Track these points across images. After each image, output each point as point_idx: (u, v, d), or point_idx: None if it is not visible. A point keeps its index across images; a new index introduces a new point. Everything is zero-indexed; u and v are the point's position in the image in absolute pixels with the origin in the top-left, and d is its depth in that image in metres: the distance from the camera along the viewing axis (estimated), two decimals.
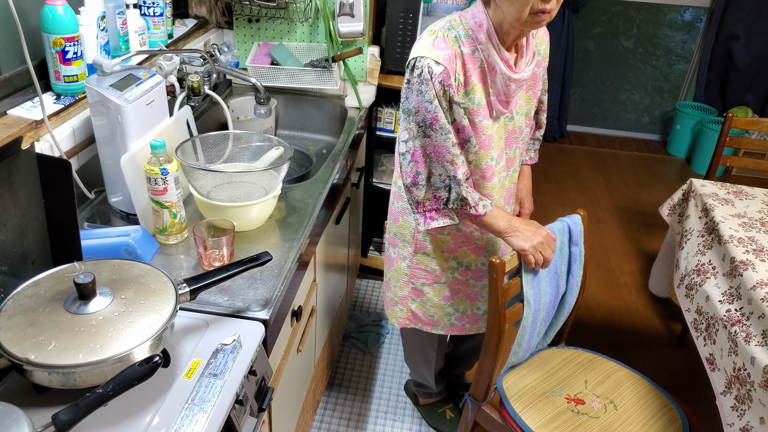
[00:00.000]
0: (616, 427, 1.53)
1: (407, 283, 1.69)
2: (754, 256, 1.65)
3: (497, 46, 1.33)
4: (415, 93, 1.33)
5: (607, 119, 4.64)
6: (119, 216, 1.42)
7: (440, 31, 1.34)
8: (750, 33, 4.07)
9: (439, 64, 1.29)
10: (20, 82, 1.33)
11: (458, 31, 1.34)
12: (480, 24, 1.32)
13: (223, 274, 1.11)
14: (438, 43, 1.32)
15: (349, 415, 2.13)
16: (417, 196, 1.42)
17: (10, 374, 0.96)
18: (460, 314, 1.72)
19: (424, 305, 1.70)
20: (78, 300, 0.96)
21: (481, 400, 1.63)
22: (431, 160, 1.39)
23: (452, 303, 1.69)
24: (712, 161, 2.36)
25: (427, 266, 1.64)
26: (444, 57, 1.30)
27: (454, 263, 1.63)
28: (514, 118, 1.48)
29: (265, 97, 1.80)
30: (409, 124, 1.37)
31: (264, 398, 1.13)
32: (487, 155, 1.46)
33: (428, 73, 1.30)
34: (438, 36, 1.33)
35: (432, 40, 1.33)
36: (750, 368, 1.42)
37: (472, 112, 1.38)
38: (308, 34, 2.21)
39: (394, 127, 2.49)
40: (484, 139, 1.43)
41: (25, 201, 1.09)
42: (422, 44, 1.34)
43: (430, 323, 1.73)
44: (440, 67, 1.30)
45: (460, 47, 1.34)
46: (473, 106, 1.38)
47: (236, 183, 1.45)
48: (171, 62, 1.60)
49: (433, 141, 1.36)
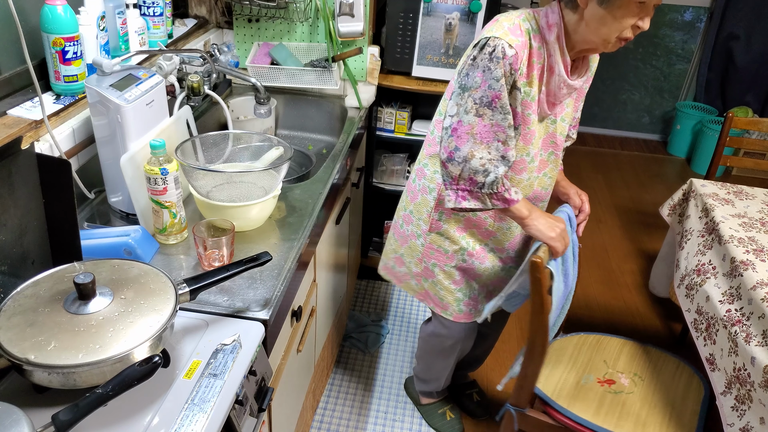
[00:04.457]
0: (653, 396, 1.63)
1: (420, 261, 1.69)
2: (755, 256, 1.65)
3: (563, 49, 1.36)
4: (480, 69, 1.34)
5: (607, 119, 4.64)
6: (119, 216, 1.42)
7: (517, 20, 1.37)
8: (750, 33, 4.07)
9: (512, 47, 1.32)
10: (20, 82, 1.33)
11: (531, 25, 1.37)
12: (551, 25, 1.36)
13: (223, 274, 1.11)
14: (514, 30, 1.35)
15: (350, 415, 2.13)
16: (452, 172, 1.41)
17: (10, 374, 0.96)
18: (468, 299, 1.72)
19: (435, 287, 1.70)
20: (78, 300, 0.96)
21: (525, 406, 1.61)
22: (475, 141, 1.37)
23: (461, 288, 1.69)
24: (712, 161, 2.36)
25: (440, 246, 1.64)
26: (518, 43, 1.33)
27: (464, 243, 1.63)
28: (557, 122, 1.51)
29: (265, 97, 1.80)
30: (462, 99, 1.37)
31: (264, 398, 1.13)
32: (524, 149, 1.47)
33: (501, 53, 1.32)
34: (515, 23, 1.36)
35: (509, 25, 1.35)
36: (750, 368, 1.42)
37: (525, 104, 1.40)
38: (308, 34, 2.21)
39: (394, 127, 2.49)
40: (527, 132, 1.44)
41: (25, 201, 1.09)
42: (498, 27, 1.36)
43: (440, 306, 1.73)
44: (513, 51, 1.32)
45: (530, 40, 1.36)
46: (528, 98, 1.40)
47: (236, 183, 1.45)
48: (171, 62, 1.60)
49: (484, 121, 1.36)
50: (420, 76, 2.33)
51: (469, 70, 1.37)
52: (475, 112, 1.36)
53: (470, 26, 2.21)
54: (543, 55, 1.38)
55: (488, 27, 1.40)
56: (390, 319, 2.59)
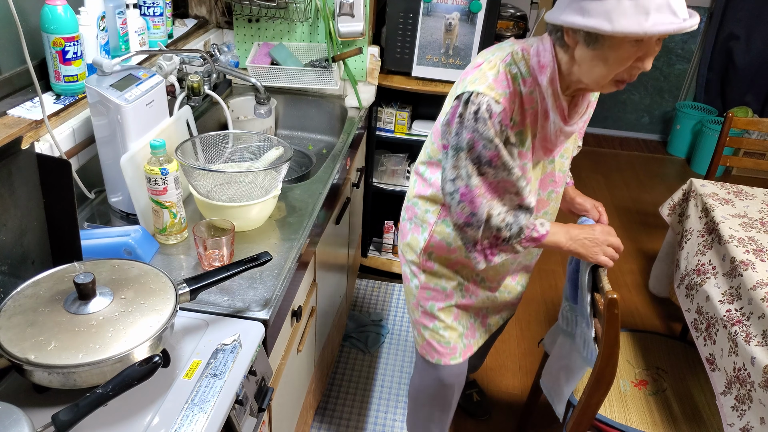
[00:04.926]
0: (682, 387, 1.70)
1: (417, 306, 1.58)
2: (754, 256, 1.65)
3: (558, 94, 1.22)
4: (469, 130, 1.21)
5: (607, 119, 4.64)
6: (119, 216, 1.42)
7: (502, 65, 1.22)
8: (750, 33, 4.07)
9: (499, 103, 1.19)
10: (20, 82, 1.33)
11: (520, 68, 1.22)
12: (544, 66, 1.20)
13: (223, 274, 1.11)
14: (500, 80, 1.21)
15: (349, 415, 2.13)
16: (473, 236, 1.32)
17: (10, 374, 0.96)
18: (467, 330, 1.63)
19: (438, 332, 1.58)
20: (78, 300, 0.96)
21: None
22: (488, 200, 1.28)
23: (460, 320, 1.60)
24: (712, 161, 2.36)
25: (437, 285, 1.54)
26: (506, 96, 1.20)
27: (460, 278, 1.55)
28: (555, 161, 1.40)
29: (265, 97, 1.80)
30: (459, 161, 1.26)
31: (264, 398, 1.13)
32: None
33: (487, 112, 1.19)
34: (500, 71, 1.21)
35: (494, 75, 1.21)
36: (750, 368, 1.42)
37: (521, 155, 1.28)
38: (308, 34, 2.21)
39: (394, 127, 2.49)
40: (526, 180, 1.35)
41: (25, 201, 1.09)
42: (481, 78, 1.22)
43: (447, 352, 1.59)
44: (500, 107, 1.19)
45: (520, 86, 1.22)
46: (522, 148, 1.28)
47: (236, 183, 1.45)
48: (171, 62, 1.60)
49: (489, 178, 1.26)
50: (420, 76, 2.33)
51: (458, 129, 1.25)
52: (477, 172, 1.25)
53: (470, 26, 2.21)
54: (536, 99, 1.24)
55: (471, 74, 1.25)
56: (390, 319, 2.59)
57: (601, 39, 1.09)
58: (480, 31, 2.21)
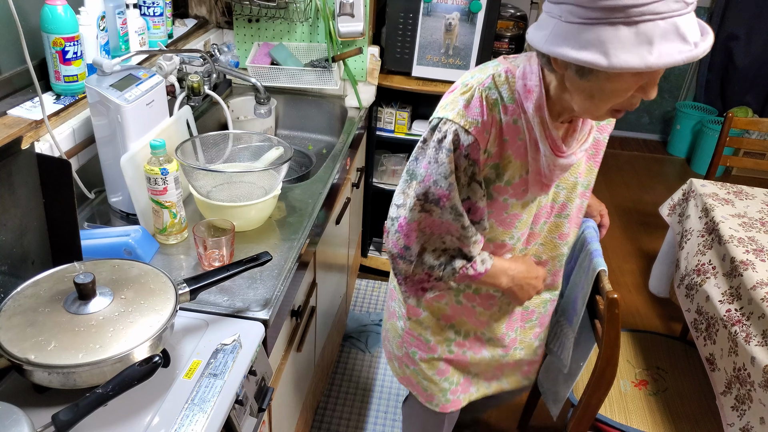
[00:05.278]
0: (682, 387, 1.71)
1: (401, 345, 1.45)
2: (754, 256, 1.65)
3: (546, 123, 1.04)
4: (428, 159, 1.09)
5: None
6: (119, 216, 1.42)
7: (478, 90, 1.06)
8: (750, 33, 4.07)
9: (469, 133, 1.04)
10: (20, 82, 1.33)
11: (501, 92, 1.06)
12: (530, 90, 1.03)
13: (223, 274, 1.11)
14: (472, 106, 1.05)
15: (349, 415, 2.13)
16: (404, 270, 1.20)
17: (10, 374, 0.96)
18: (457, 386, 1.47)
19: (417, 375, 1.45)
20: (78, 300, 0.96)
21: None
22: (425, 235, 1.16)
23: (447, 377, 1.44)
24: (712, 161, 2.36)
25: (420, 335, 1.39)
26: (477, 126, 1.04)
27: (452, 333, 1.38)
28: (552, 192, 1.23)
29: (265, 97, 1.80)
30: (409, 189, 1.14)
31: (264, 398, 1.13)
32: (506, 233, 1.21)
33: (452, 143, 1.04)
34: (474, 96, 1.06)
35: (465, 100, 1.06)
36: (750, 368, 1.42)
37: (498, 190, 1.13)
38: (308, 34, 2.21)
39: (394, 127, 2.49)
40: (506, 217, 1.18)
41: (25, 201, 1.09)
42: (452, 103, 1.07)
43: (423, 396, 1.48)
44: (470, 138, 1.04)
45: (500, 114, 1.06)
46: (500, 182, 1.12)
47: (236, 183, 1.45)
48: (171, 62, 1.60)
49: (433, 216, 1.13)
50: (420, 76, 2.33)
51: (418, 154, 1.11)
52: (420, 208, 1.12)
53: (470, 26, 2.21)
54: (522, 129, 1.07)
55: (444, 99, 1.11)
56: None
57: (594, 71, 0.92)
58: (480, 31, 2.21)
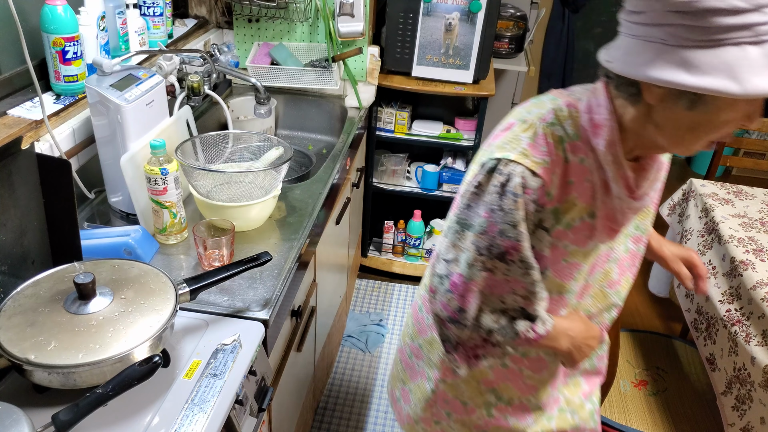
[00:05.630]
0: (682, 387, 1.71)
1: (430, 406, 1.25)
2: (754, 256, 1.65)
3: (620, 161, 0.92)
4: (487, 207, 0.93)
5: None
6: (119, 216, 1.42)
7: (540, 126, 0.93)
8: None
9: (536, 175, 0.91)
10: (20, 82, 1.33)
11: (565, 128, 0.93)
12: (599, 125, 0.91)
13: (223, 274, 1.11)
14: (538, 144, 0.92)
15: (349, 415, 2.13)
16: (456, 336, 1.04)
17: (10, 374, 0.96)
18: None
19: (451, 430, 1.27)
20: (78, 300, 0.96)
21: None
22: (484, 295, 0.99)
23: None
24: (712, 161, 2.36)
25: (456, 397, 1.21)
26: (545, 166, 0.91)
27: (492, 398, 1.20)
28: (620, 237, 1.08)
29: (265, 97, 1.80)
30: (463, 241, 0.97)
31: (264, 398, 1.13)
32: (563, 286, 1.05)
33: (520, 187, 0.91)
34: (537, 133, 0.93)
35: (529, 137, 0.93)
36: (750, 368, 1.42)
37: (557, 235, 0.98)
38: (308, 34, 2.21)
39: (394, 127, 2.49)
40: (564, 266, 1.02)
41: (25, 201, 1.09)
42: (513, 141, 0.94)
43: None
44: (537, 181, 0.91)
45: (565, 152, 0.93)
46: (561, 226, 0.98)
47: (236, 183, 1.45)
48: (171, 62, 1.60)
49: (496, 275, 0.97)
50: (420, 76, 2.33)
51: (472, 201, 0.96)
52: (482, 266, 0.96)
53: (470, 26, 2.21)
54: (590, 169, 0.94)
55: (499, 138, 0.96)
56: (390, 319, 2.59)
57: (710, 100, 0.80)
58: (480, 31, 2.21)
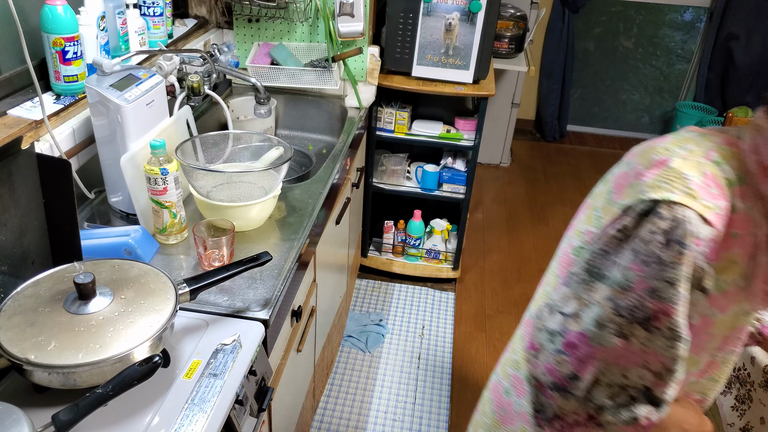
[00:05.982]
0: None
1: None
2: None
3: None
4: (638, 258, 0.75)
5: (607, 119, 4.64)
6: (119, 216, 1.42)
7: (709, 164, 0.76)
8: (750, 33, 4.07)
9: (707, 223, 0.74)
10: (20, 82, 1.33)
11: (730, 169, 0.77)
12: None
13: (223, 274, 1.11)
14: (707, 185, 0.75)
15: (349, 415, 2.13)
16: (559, 407, 0.84)
17: (10, 374, 0.96)
18: None
19: None
20: (78, 300, 0.96)
21: None
22: (606, 364, 0.79)
23: None
24: None
25: None
26: (719, 212, 0.75)
27: None
28: None
29: (265, 97, 1.80)
30: (592, 295, 0.79)
31: (264, 398, 1.13)
32: (691, 360, 0.87)
33: (689, 236, 0.73)
34: (706, 172, 0.76)
35: (699, 177, 0.75)
36: (750, 368, 1.42)
37: (712, 300, 0.81)
38: (308, 34, 2.21)
39: (394, 126, 2.49)
40: (704, 338, 0.86)
41: (25, 201, 1.09)
42: (675, 179, 0.75)
43: None
44: (709, 230, 0.74)
45: (733, 198, 0.77)
46: (714, 290, 0.81)
47: (236, 183, 1.45)
48: (171, 62, 1.60)
49: (632, 345, 0.77)
50: (420, 76, 2.33)
51: (610, 246, 0.78)
52: (617, 329, 0.77)
53: (470, 26, 2.21)
54: (756, 221, 0.78)
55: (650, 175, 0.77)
56: (390, 319, 2.59)
57: None
58: (480, 31, 2.21)
